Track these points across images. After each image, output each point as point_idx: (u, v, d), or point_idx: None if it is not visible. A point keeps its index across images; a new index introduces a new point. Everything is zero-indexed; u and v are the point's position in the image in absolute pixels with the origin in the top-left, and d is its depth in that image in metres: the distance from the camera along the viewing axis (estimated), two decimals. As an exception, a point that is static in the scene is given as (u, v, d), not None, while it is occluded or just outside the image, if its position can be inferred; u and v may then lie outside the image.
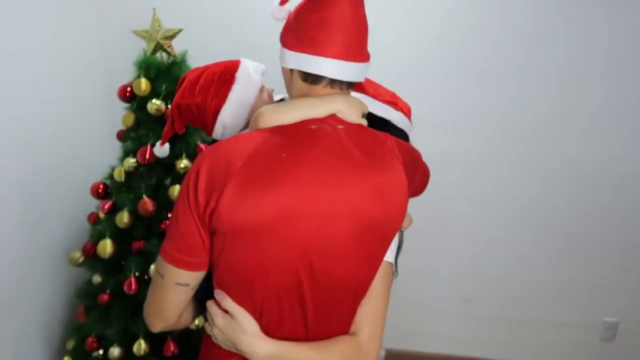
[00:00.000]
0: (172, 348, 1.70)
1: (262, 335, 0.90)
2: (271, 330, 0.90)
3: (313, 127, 0.89)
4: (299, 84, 0.93)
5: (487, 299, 2.26)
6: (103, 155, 2.07)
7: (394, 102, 1.14)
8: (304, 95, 0.93)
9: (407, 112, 1.17)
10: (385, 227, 0.91)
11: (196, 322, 1.69)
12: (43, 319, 1.90)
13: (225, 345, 0.93)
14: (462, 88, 2.02)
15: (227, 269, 0.88)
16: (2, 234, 1.68)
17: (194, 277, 0.90)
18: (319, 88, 0.92)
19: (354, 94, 1.11)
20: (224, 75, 1.15)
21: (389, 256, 0.96)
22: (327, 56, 0.88)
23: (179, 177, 1.75)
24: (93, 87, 2.13)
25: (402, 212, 0.92)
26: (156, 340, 1.73)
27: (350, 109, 0.92)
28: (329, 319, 0.92)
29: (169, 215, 1.76)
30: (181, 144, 1.74)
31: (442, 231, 2.19)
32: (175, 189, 1.72)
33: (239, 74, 1.15)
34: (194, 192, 0.84)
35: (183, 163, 1.72)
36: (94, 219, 1.84)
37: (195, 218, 0.84)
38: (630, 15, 1.84)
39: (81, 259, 1.79)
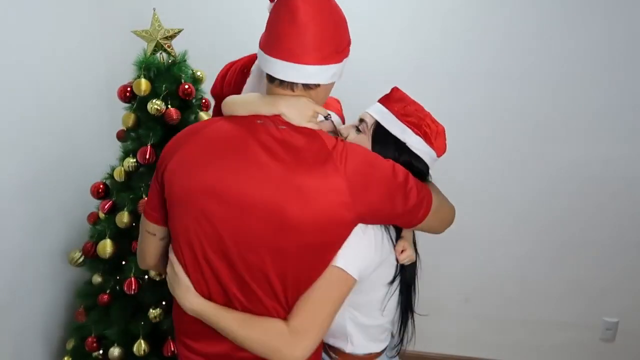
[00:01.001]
0: (172, 348, 1.70)
1: (193, 290, 0.99)
2: (204, 297, 1.00)
3: (258, 122, 0.95)
4: (265, 80, 1.01)
5: (487, 299, 2.26)
6: (103, 155, 2.07)
7: (417, 124, 1.09)
8: (268, 91, 1.00)
9: (434, 136, 1.10)
10: (305, 229, 0.89)
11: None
12: (43, 319, 1.90)
13: (171, 290, 1.05)
14: (463, 89, 2.02)
15: (170, 232, 1.02)
16: (2, 234, 1.68)
17: (158, 230, 1.06)
18: (273, 87, 0.98)
19: (376, 106, 1.13)
20: (242, 69, 1.18)
21: (340, 262, 0.96)
22: (273, 56, 0.93)
23: (179, 177, 1.75)
24: (93, 87, 2.13)
25: (330, 219, 0.90)
26: (156, 340, 1.73)
27: (294, 112, 0.94)
28: (255, 301, 0.97)
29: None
30: (181, 144, 1.74)
31: (442, 231, 2.19)
32: (175, 189, 1.72)
33: (253, 68, 1.17)
34: (159, 158, 1.02)
35: (183, 163, 1.72)
36: (94, 219, 1.84)
37: (155, 180, 1.02)
38: (631, 16, 1.84)
39: (81, 259, 1.78)
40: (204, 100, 1.85)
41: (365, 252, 1.00)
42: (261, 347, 0.95)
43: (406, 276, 1.15)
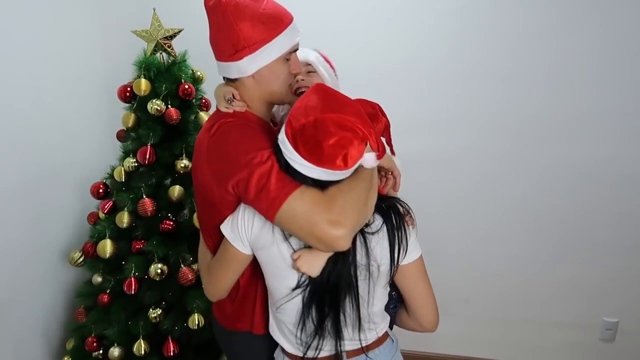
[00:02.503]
0: (172, 348, 1.71)
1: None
2: None
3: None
4: None
5: (487, 299, 2.26)
6: (103, 155, 2.07)
7: (291, 123, 0.92)
8: None
9: (304, 141, 0.91)
10: (197, 182, 1.12)
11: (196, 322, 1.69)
12: (43, 319, 1.90)
13: None
14: (458, 88, 2.01)
15: None
16: (2, 233, 1.68)
17: None
18: None
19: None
20: None
21: (223, 225, 1.09)
22: None
23: (179, 177, 1.75)
24: (93, 87, 2.14)
25: (202, 177, 1.08)
26: (156, 340, 1.73)
27: (215, 98, 1.16)
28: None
29: (169, 215, 1.76)
30: (181, 144, 1.74)
31: (442, 231, 2.19)
32: (175, 189, 1.72)
33: None
34: None
35: (183, 163, 1.72)
36: (94, 219, 1.84)
37: None
38: (624, 16, 1.83)
39: (81, 259, 1.79)
40: (203, 100, 1.85)
41: (240, 227, 1.05)
42: (200, 272, 1.19)
43: (316, 290, 1.03)
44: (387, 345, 1.16)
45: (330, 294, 1.02)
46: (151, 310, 1.71)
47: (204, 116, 1.81)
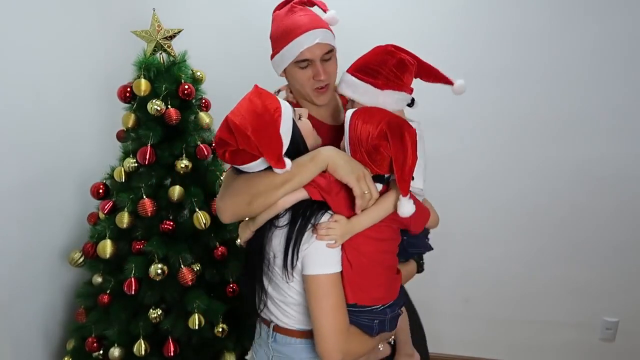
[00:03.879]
0: (172, 348, 1.71)
1: None
2: None
3: None
4: None
5: (487, 300, 2.26)
6: (103, 155, 2.07)
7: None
8: None
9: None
10: None
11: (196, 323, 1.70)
12: (43, 319, 1.90)
13: None
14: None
15: None
16: (2, 234, 1.68)
17: None
18: None
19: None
20: None
21: None
22: None
23: (179, 177, 1.75)
24: (93, 87, 2.13)
25: None
26: (156, 341, 1.73)
27: None
28: None
29: (169, 216, 1.76)
30: (181, 144, 1.74)
31: (441, 231, 2.18)
32: (175, 189, 1.72)
33: None
34: None
35: (183, 163, 1.72)
36: (94, 219, 1.84)
37: None
38: (623, 16, 1.84)
39: (81, 260, 1.79)
40: (203, 101, 1.85)
41: None
42: None
43: (247, 254, 1.19)
44: (302, 342, 1.13)
45: (252, 261, 1.14)
46: (151, 310, 1.71)
47: (204, 116, 1.81)
